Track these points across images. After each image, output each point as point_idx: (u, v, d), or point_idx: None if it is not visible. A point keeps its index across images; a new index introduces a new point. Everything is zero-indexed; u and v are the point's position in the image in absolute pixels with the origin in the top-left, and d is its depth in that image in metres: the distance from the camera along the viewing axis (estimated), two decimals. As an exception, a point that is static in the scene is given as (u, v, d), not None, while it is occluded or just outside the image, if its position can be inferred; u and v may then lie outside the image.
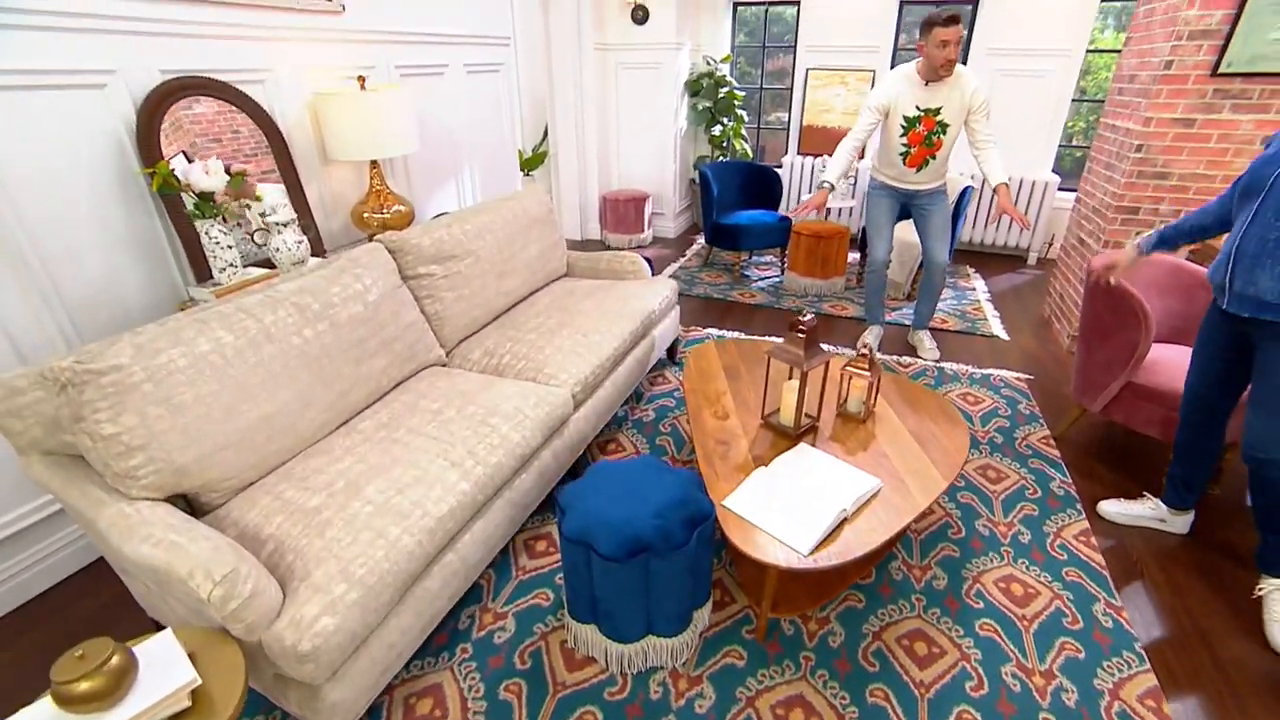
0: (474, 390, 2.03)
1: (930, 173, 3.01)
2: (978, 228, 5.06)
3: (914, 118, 2.88)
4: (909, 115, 2.88)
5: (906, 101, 2.88)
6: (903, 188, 3.09)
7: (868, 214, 3.24)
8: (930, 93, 2.84)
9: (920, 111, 2.86)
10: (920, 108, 2.86)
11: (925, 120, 2.87)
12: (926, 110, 2.86)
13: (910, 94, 2.87)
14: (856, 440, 1.92)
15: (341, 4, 2.48)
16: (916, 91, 2.86)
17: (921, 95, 2.85)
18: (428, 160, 3.11)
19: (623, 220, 5.12)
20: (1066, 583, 1.95)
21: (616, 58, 5.08)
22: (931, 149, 2.93)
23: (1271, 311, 1.65)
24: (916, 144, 2.93)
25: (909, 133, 2.92)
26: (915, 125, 2.89)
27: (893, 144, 2.98)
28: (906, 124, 2.90)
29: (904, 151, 2.96)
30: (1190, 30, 2.79)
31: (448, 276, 2.33)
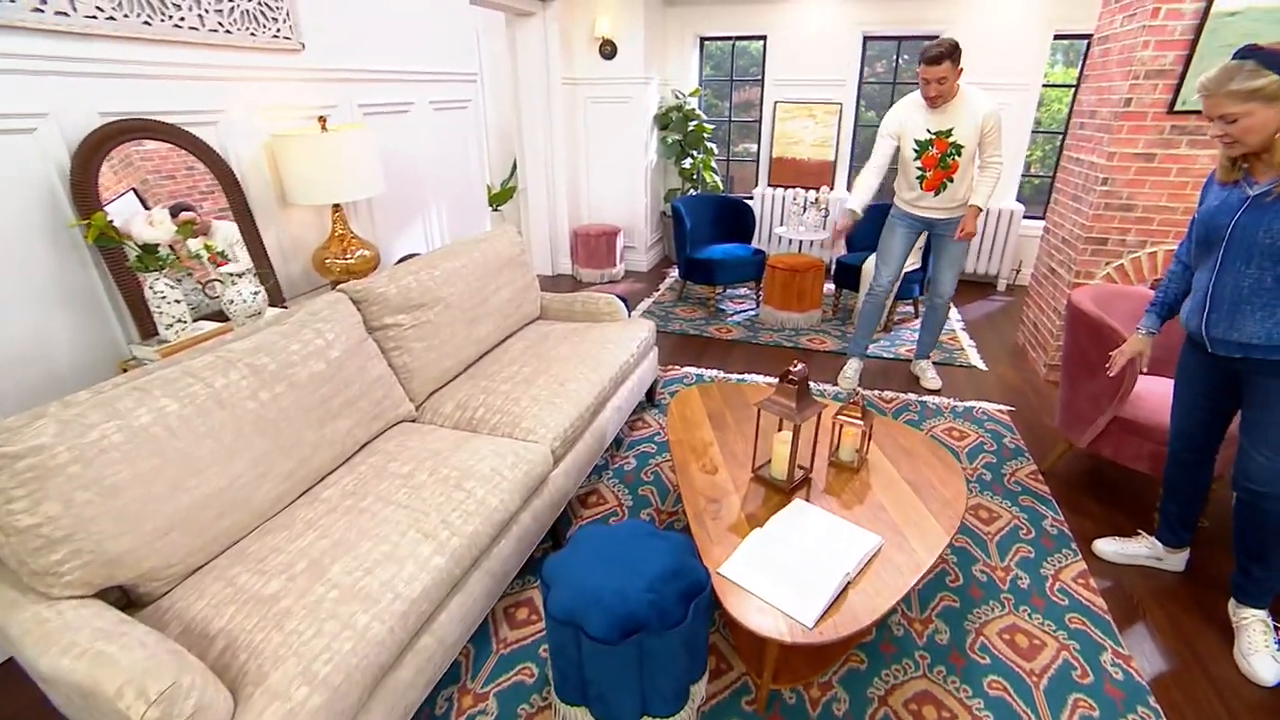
0: (447, 450, 1.90)
1: (948, 197, 2.96)
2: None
3: (925, 141, 2.88)
4: (920, 139, 2.89)
5: (916, 126, 2.89)
6: (922, 215, 3.06)
7: (882, 239, 3.21)
8: (939, 115, 2.85)
9: (931, 134, 2.87)
10: (931, 130, 2.86)
11: (937, 143, 2.87)
12: (937, 133, 2.86)
13: (919, 118, 2.88)
14: (852, 492, 1.83)
15: (300, 42, 2.38)
16: (924, 116, 2.87)
17: (931, 119, 2.86)
18: (393, 200, 2.99)
19: (594, 254, 5.05)
20: (1071, 631, 1.89)
21: (585, 92, 5.06)
22: (947, 171, 2.90)
23: (1260, 352, 1.64)
24: (931, 167, 2.92)
25: (922, 156, 2.91)
26: (928, 148, 2.89)
27: (909, 169, 2.98)
28: (919, 148, 2.91)
29: (920, 175, 2.95)
30: (1146, 70, 2.86)
31: (416, 326, 2.20)
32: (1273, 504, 1.71)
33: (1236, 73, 1.49)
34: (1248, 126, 1.52)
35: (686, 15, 5.37)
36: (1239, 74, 1.48)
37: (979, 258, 5.09)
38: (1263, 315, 1.60)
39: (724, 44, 5.73)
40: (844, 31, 5.09)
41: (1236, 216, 1.62)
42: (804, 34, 5.19)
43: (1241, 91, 1.49)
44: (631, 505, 2.43)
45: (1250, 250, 1.59)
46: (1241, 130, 1.53)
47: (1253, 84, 1.47)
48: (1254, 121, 1.51)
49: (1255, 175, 1.60)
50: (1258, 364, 1.67)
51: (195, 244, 1.86)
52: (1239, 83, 1.48)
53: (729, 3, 5.23)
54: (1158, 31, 2.80)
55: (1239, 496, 1.78)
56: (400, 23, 2.92)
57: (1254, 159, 1.60)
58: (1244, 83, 1.48)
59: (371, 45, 2.76)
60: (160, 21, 1.87)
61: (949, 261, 3.11)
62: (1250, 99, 1.48)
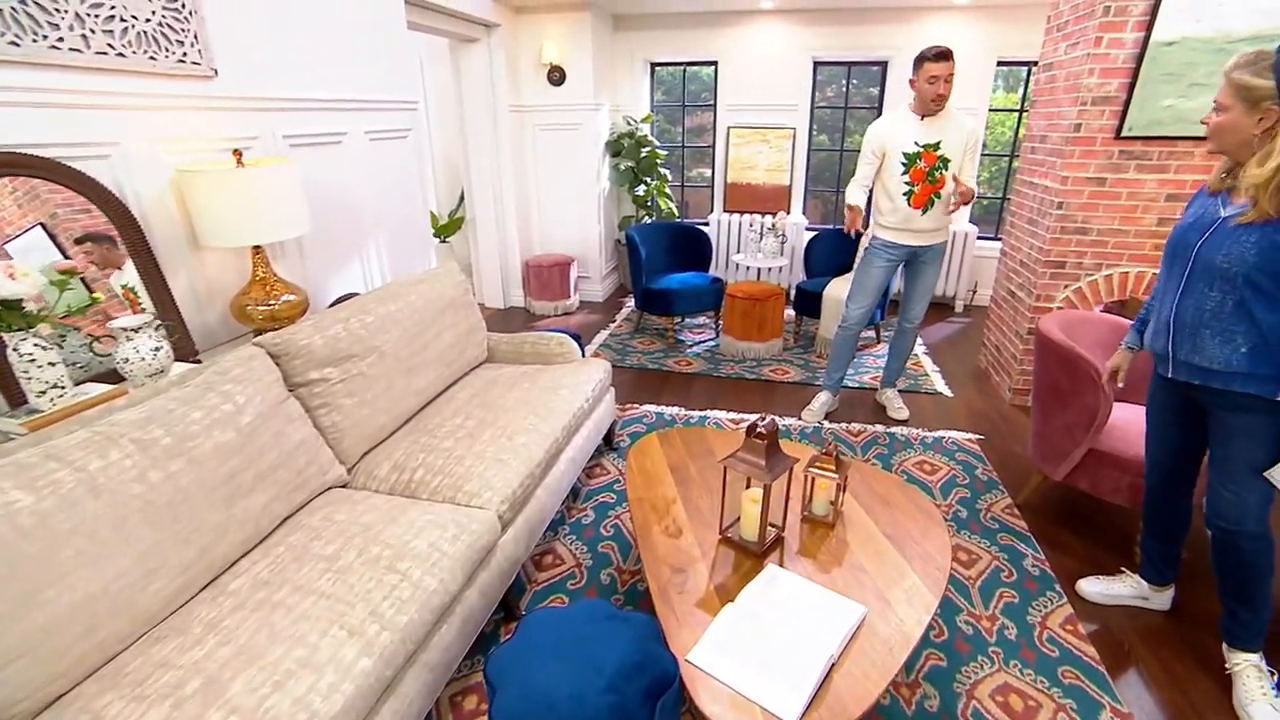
0: (379, 523, 1.68)
1: (935, 216, 2.86)
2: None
3: (914, 154, 2.78)
4: (908, 152, 2.78)
5: (904, 138, 2.79)
6: (906, 243, 2.93)
7: (860, 271, 3.08)
8: (927, 128, 2.76)
9: (920, 147, 2.77)
10: (919, 143, 2.77)
11: (926, 156, 2.77)
12: (926, 145, 2.76)
13: (907, 131, 2.78)
14: (828, 552, 1.68)
15: (212, 68, 2.16)
16: (913, 128, 2.78)
17: (919, 131, 2.77)
18: (326, 238, 2.77)
19: (547, 286, 4.87)
20: (1066, 688, 1.77)
21: (534, 119, 4.92)
22: (935, 186, 2.80)
23: (1219, 380, 1.59)
24: (919, 181, 2.80)
25: (910, 169, 2.80)
26: (916, 161, 2.79)
27: (895, 185, 2.84)
28: (907, 161, 2.79)
29: (908, 191, 2.82)
30: (1093, 96, 2.87)
31: (346, 380, 1.99)
32: (1247, 541, 1.65)
33: (1251, 62, 1.43)
34: (1223, 122, 1.49)
35: (636, 41, 5.31)
36: (1251, 65, 1.43)
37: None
38: (1220, 340, 1.56)
39: (675, 69, 5.69)
40: (794, 57, 5.11)
41: (1204, 237, 1.57)
42: (754, 59, 5.18)
43: (1235, 82, 1.44)
44: (591, 565, 2.23)
45: (1212, 273, 1.55)
46: (1217, 124, 1.51)
47: (1248, 80, 1.42)
48: (1228, 119, 1.48)
49: (1233, 196, 1.54)
50: (1218, 395, 1.62)
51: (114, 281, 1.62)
52: (1241, 73, 1.43)
53: (678, 28, 5.19)
54: (1101, 60, 2.82)
55: (1213, 536, 1.72)
56: (331, 48, 2.73)
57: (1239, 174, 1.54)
58: (1244, 75, 1.43)
59: (298, 72, 2.56)
60: (33, 41, 1.64)
61: (924, 289, 3.05)
62: (1237, 94, 1.44)
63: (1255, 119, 1.43)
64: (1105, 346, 2.39)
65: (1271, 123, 1.41)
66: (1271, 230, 1.44)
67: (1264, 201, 1.41)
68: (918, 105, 2.76)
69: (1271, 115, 1.40)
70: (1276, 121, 1.40)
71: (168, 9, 1.99)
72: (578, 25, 4.66)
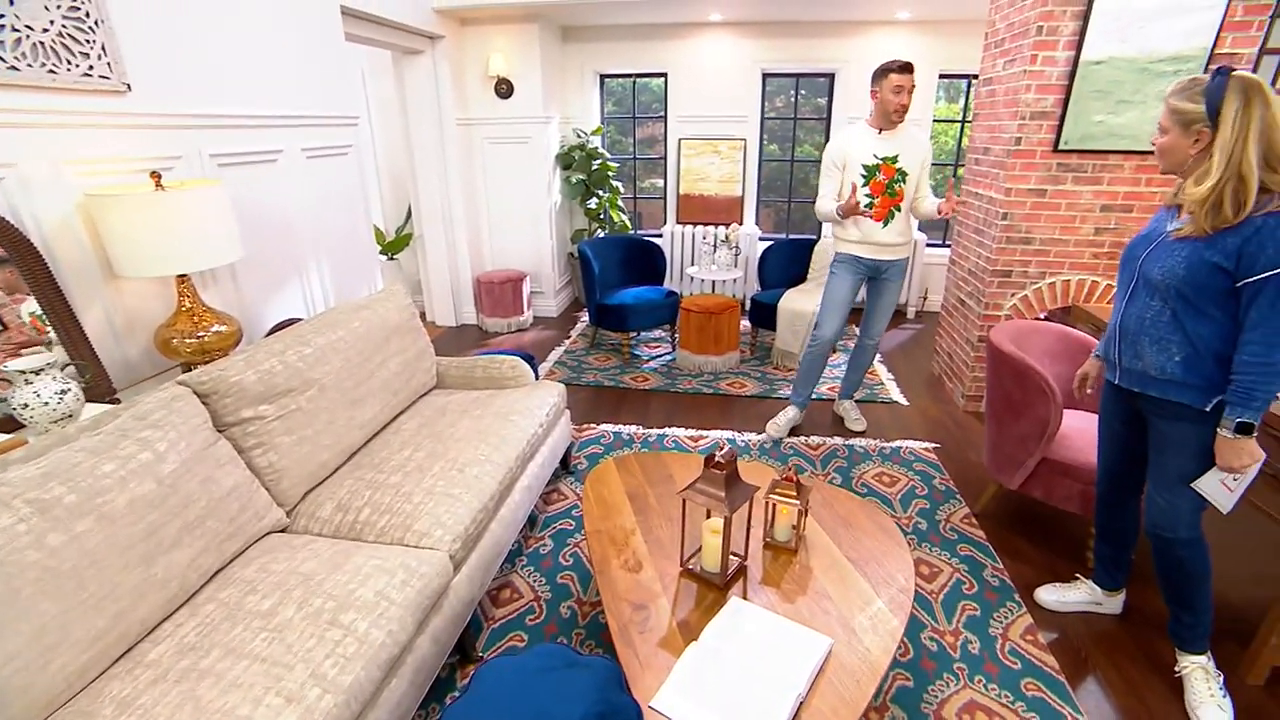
0: (321, 571, 1.57)
1: (896, 229, 2.87)
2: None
3: (873, 166, 2.80)
4: (868, 164, 2.80)
5: (863, 151, 2.80)
6: (870, 257, 2.93)
7: (827, 288, 3.07)
8: (885, 141, 2.79)
9: (879, 159, 2.79)
10: (878, 156, 2.79)
11: (885, 168, 2.80)
12: (885, 158, 2.79)
13: (865, 143, 2.81)
14: (792, 579, 1.65)
15: (125, 83, 2.01)
16: (871, 141, 2.80)
17: (877, 144, 2.79)
18: (262, 262, 2.62)
19: (499, 302, 4.76)
20: (1029, 700, 1.77)
21: (482, 132, 4.82)
22: (895, 199, 2.82)
23: (1156, 387, 1.64)
24: (879, 193, 2.81)
25: (870, 181, 2.81)
26: (875, 174, 2.80)
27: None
28: (867, 173, 2.81)
29: (869, 203, 2.82)
30: (1031, 111, 2.96)
31: (283, 416, 1.86)
32: (1181, 549, 1.70)
33: (1186, 89, 1.49)
34: (1162, 146, 1.56)
35: (585, 53, 5.26)
36: (1185, 91, 1.49)
37: (886, 287, 5.20)
38: (1158, 349, 1.61)
39: (625, 81, 5.67)
40: (743, 68, 5.15)
41: (1149, 250, 1.63)
42: (704, 71, 5.20)
43: (1171, 107, 1.51)
44: (550, 598, 2.15)
45: (1150, 285, 1.61)
46: (1160, 146, 1.57)
47: (1181, 105, 1.48)
48: (1168, 141, 1.55)
49: (1180, 212, 1.59)
50: (1155, 403, 1.67)
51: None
52: (1176, 98, 1.50)
53: (628, 40, 5.17)
54: (1037, 76, 2.91)
55: (1154, 545, 1.77)
56: (263, 62, 2.59)
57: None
58: (1178, 100, 1.49)
59: (226, 87, 2.42)
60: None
61: (886, 306, 3.07)
62: (1173, 118, 1.51)
63: (1190, 140, 1.48)
64: (1054, 356, 2.44)
65: (1205, 144, 1.45)
66: (1201, 246, 1.48)
67: (1200, 218, 1.46)
68: (877, 118, 2.79)
69: (1204, 137, 1.45)
70: (1209, 143, 1.44)
71: (69, 19, 1.83)
72: (525, 37, 4.58)
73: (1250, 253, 1.40)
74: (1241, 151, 1.38)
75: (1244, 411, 1.47)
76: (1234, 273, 1.44)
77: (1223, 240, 1.44)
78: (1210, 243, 1.46)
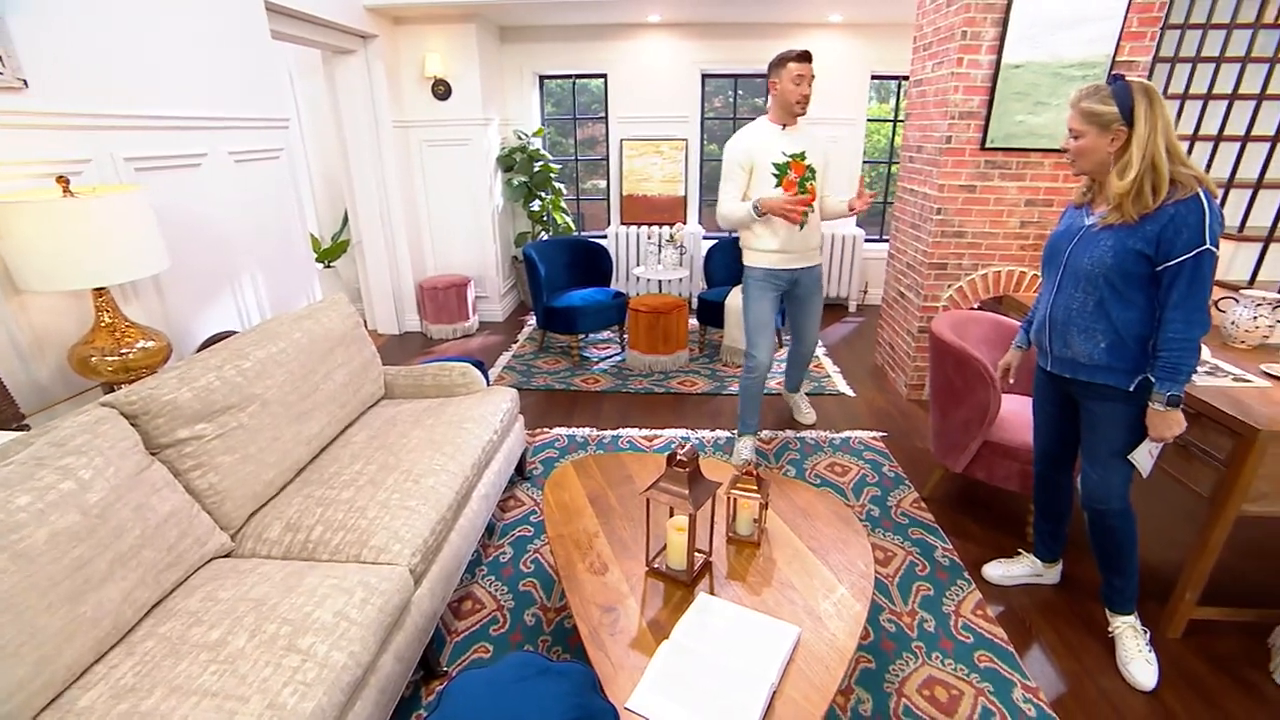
0: (274, 594, 1.49)
1: (812, 232, 2.74)
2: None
3: (784, 164, 2.63)
4: (778, 163, 2.63)
5: (770, 149, 2.63)
6: (788, 267, 2.76)
7: (750, 311, 2.84)
8: (790, 137, 2.64)
9: (788, 157, 2.63)
10: (786, 153, 2.63)
11: (795, 165, 2.63)
12: (793, 155, 2.63)
13: (772, 141, 2.64)
14: (757, 572, 1.67)
15: (21, 79, 1.85)
16: (776, 139, 2.64)
17: (783, 141, 2.63)
18: (189, 272, 2.47)
19: (444, 308, 4.65)
20: (982, 671, 1.86)
21: (420, 135, 4.70)
22: (809, 197, 2.64)
23: (1085, 372, 1.76)
24: (792, 192, 2.64)
25: (782, 181, 2.64)
26: (786, 172, 2.63)
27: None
28: (778, 172, 2.63)
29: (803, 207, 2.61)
30: (959, 111, 3.10)
31: (223, 435, 1.76)
32: (1114, 519, 1.83)
33: (1093, 94, 1.58)
34: (1081, 147, 1.64)
35: (524, 53, 5.20)
36: (1094, 95, 1.58)
37: (829, 282, 5.34)
38: (1085, 337, 1.72)
39: (565, 81, 5.63)
40: (683, 69, 5.19)
41: (1073, 244, 1.73)
42: (644, 72, 5.23)
43: (1085, 111, 1.59)
44: (513, 607, 2.11)
45: (1078, 275, 1.70)
46: (1077, 149, 1.65)
47: (1096, 108, 1.57)
48: (1086, 144, 1.63)
49: (1094, 206, 1.71)
50: (1084, 387, 1.79)
51: None
52: (1088, 103, 1.59)
53: (566, 40, 5.14)
54: (963, 78, 3.05)
55: (1089, 516, 1.89)
56: (181, 59, 2.44)
57: (1098, 189, 1.71)
58: (1092, 104, 1.58)
59: (142, 86, 2.27)
60: None
61: (812, 316, 2.97)
62: (1089, 121, 1.60)
63: (1108, 139, 1.59)
64: (990, 343, 2.57)
65: (1121, 142, 1.57)
66: (1125, 235, 1.59)
67: (1127, 206, 1.57)
68: (779, 112, 2.63)
69: (1121, 135, 1.56)
70: (1125, 140, 1.56)
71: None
72: (462, 37, 4.49)
73: (1168, 238, 1.52)
74: (1154, 145, 1.51)
75: (1172, 385, 1.58)
76: (1154, 258, 1.56)
77: (1143, 228, 1.56)
78: (1132, 231, 1.57)
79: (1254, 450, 1.69)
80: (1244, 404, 1.79)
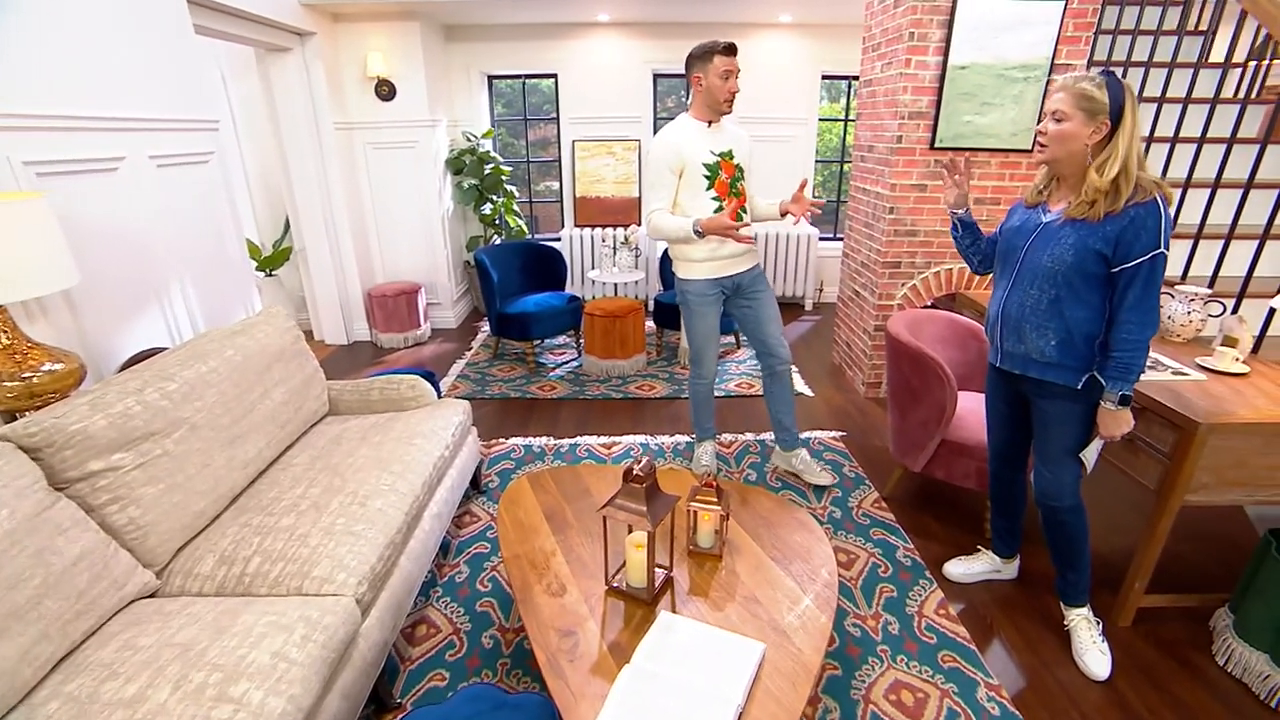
0: (203, 638, 1.37)
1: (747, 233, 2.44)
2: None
3: (714, 164, 2.43)
4: (708, 163, 2.42)
5: (699, 149, 2.41)
6: (725, 274, 2.54)
7: (694, 325, 2.63)
8: (716, 135, 2.45)
9: (717, 156, 2.44)
10: (715, 152, 2.43)
11: (725, 165, 2.45)
12: (722, 154, 2.44)
13: (699, 141, 2.42)
14: (719, 586, 1.63)
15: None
16: (704, 137, 2.43)
17: (711, 139, 2.44)
18: (107, 286, 2.29)
19: (394, 316, 4.49)
20: (947, 672, 1.86)
21: (364, 137, 4.52)
22: (740, 198, 2.48)
23: (1036, 369, 1.77)
24: (725, 195, 2.46)
25: (714, 183, 2.44)
26: (718, 173, 2.44)
27: (701, 205, 2.44)
28: (709, 174, 2.43)
29: (717, 209, 2.44)
30: (909, 111, 3.13)
31: (145, 464, 1.63)
32: (1066, 515, 1.86)
33: (1089, 78, 1.56)
34: (1062, 132, 1.60)
35: (471, 53, 5.07)
36: (1090, 80, 1.56)
37: (785, 281, 5.37)
38: (1037, 334, 1.73)
39: (514, 82, 5.52)
40: (634, 69, 5.15)
41: (1030, 240, 1.73)
42: (595, 71, 5.16)
43: (1080, 93, 1.56)
44: (470, 629, 2.02)
45: (1036, 272, 1.70)
46: (1056, 133, 1.61)
47: (1091, 92, 1.55)
48: (1068, 129, 1.59)
49: (1051, 203, 1.72)
50: (1035, 384, 1.81)
51: None
52: (1085, 85, 1.56)
53: (515, 39, 5.04)
54: (912, 79, 3.08)
55: (1042, 513, 1.91)
56: (91, 53, 2.25)
57: (1055, 187, 1.72)
58: (1088, 87, 1.55)
59: (41, 81, 2.07)
60: None
61: (770, 316, 2.64)
62: (1080, 105, 1.56)
63: (1089, 130, 1.56)
64: (945, 341, 2.59)
65: (1101, 136, 1.56)
66: (1086, 234, 1.60)
67: (1101, 203, 1.57)
68: (706, 109, 2.42)
69: (1103, 129, 1.55)
70: (1107, 135, 1.56)
71: None
72: (405, 36, 4.34)
73: (1127, 240, 1.54)
74: (1131, 146, 1.52)
75: (1123, 385, 1.61)
76: (1110, 259, 1.58)
77: (1103, 228, 1.57)
78: (1093, 230, 1.58)
79: (1195, 443, 1.73)
80: (1184, 398, 1.83)
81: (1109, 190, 1.55)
